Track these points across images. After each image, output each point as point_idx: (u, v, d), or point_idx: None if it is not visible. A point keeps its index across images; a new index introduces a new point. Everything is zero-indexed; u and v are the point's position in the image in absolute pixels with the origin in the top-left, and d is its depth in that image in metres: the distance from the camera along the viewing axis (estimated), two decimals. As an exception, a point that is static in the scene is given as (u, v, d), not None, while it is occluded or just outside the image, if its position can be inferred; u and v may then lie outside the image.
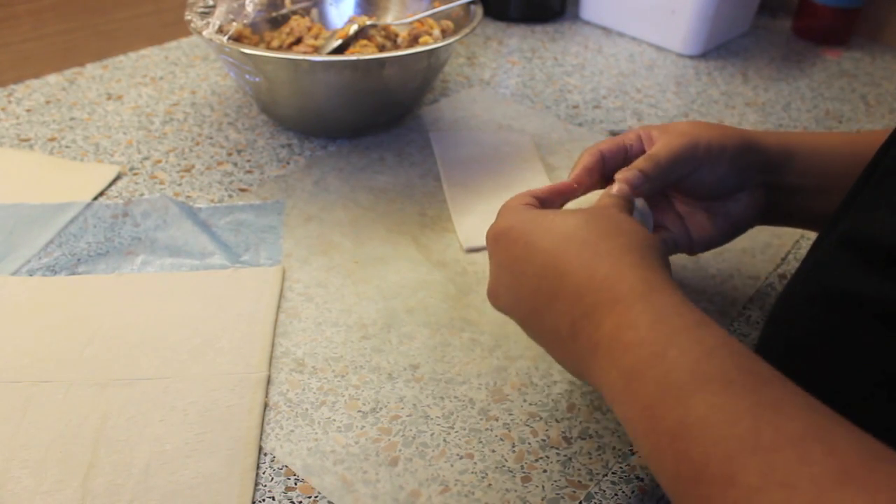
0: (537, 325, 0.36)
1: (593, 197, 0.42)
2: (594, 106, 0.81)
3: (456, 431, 0.43)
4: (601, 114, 0.79)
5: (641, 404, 0.28)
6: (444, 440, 0.43)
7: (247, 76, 0.65)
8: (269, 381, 0.46)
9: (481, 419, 0.44)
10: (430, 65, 0.67)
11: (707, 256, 0.58)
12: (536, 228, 0.36)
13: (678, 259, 0.58)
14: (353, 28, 0.69)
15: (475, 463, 0.42)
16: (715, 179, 0.44)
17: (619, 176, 0.41)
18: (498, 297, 0.39)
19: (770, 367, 0.27)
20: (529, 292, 0.35)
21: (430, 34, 0.71)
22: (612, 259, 0.33)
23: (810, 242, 0.41)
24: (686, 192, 0.46)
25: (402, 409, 0.45)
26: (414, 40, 0.70)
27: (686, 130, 0.44)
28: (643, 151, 0.44)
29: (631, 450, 0.43)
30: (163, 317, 0.49)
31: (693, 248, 0.47)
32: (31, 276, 0.52)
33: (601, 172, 0.44)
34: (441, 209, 0.62)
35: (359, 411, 0.44)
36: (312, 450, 0.42)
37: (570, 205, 0.43)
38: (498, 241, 0.37)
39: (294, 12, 0.75)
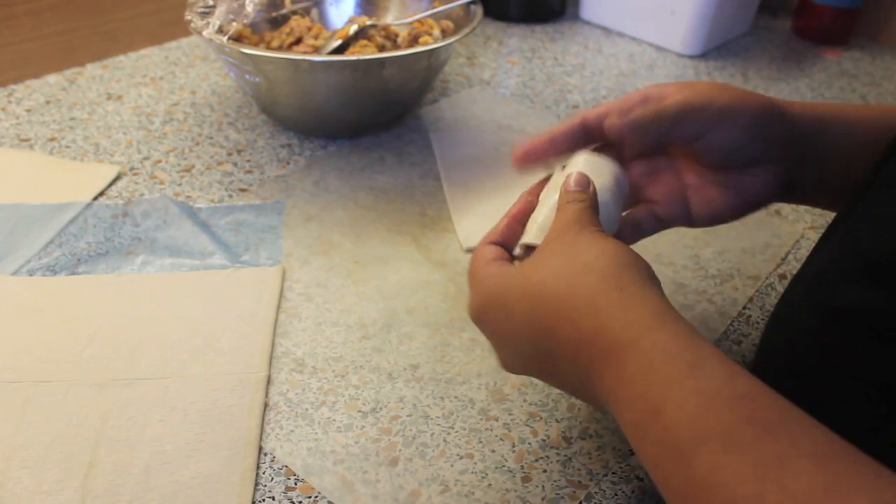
0: (554, 380, 0.36)
1: (560, 178, 0.40)
2: (594, 106, 0.81)
3: (456, 431, 0.43)
4: (601, 114, 0.79)
5: (649, 461, 0.28)
6: (444, 440, 0.43)
7: (247, 76, 0.65)
8: (269, 381, 0.46)
9: (481, 419, 0.44)
10: (430, 65, 0.67)
11: (707, 256, 0.58)
12: (509, 296, 0.34)
13: (679, 259, 0.58)
14: (353, 28, 0.69)
15: (475, 463, 0.42)
16: (731, 145, 0.40)
17: (608, 123, 0.38)
18: (507, 366, 0.38)
19: (776, 407, 0.26)
20: (531, 357, 0.35)
21: (430, 34, 0.71)
22: (590, 308, 0.31)
23: (810, 243, 0.41)
24: (698, 158, 0.42)
25: (402, 409, 0.45)
26: (414, 40, 0.70)
27: (703, 90, 0.41)
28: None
29: (631, 450, 0.43)
30: (163, 317, 0.49)
31: (693, 222, 0.44)
32: (31, 276, 0.52)
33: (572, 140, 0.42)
34: (441, 209, 0.62)
35: (359, 411, 0.44)
36: (312, 450, 0.42)
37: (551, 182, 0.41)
38: (481, 319, 0.37)
39: (294, 12, 0.75)
